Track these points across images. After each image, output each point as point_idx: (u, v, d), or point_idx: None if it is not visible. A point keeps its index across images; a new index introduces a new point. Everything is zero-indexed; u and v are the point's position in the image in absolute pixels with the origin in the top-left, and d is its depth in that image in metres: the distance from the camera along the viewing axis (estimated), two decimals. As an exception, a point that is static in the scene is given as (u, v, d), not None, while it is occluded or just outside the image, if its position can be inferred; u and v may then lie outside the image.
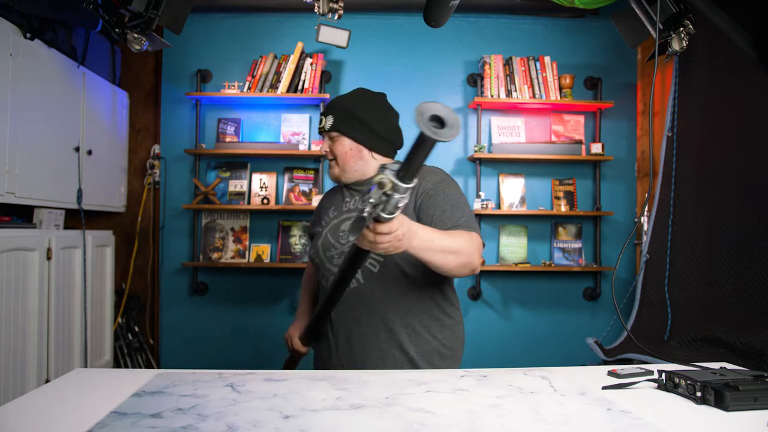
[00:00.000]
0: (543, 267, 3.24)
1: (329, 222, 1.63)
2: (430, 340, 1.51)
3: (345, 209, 1.62)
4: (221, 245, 3.27)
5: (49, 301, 2.41)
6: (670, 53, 2.04)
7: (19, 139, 2.24)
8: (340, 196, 1.67)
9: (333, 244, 1.57)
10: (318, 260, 1.61)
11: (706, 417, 0.97)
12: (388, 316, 1.49)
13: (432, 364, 1.50)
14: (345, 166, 1.59)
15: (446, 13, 2.07)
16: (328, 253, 1.57)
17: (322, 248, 1.60)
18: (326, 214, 1.66)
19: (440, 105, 0.99)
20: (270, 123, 3.33)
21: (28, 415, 0.94)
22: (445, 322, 1.55)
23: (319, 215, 1.71)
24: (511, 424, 0.91)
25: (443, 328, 1.54)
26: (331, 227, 1.61)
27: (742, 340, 2.03)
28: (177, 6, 2.06)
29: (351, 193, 1.64)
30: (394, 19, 3.36)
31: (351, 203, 1.62)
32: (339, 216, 1.61)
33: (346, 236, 1.55)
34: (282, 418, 0.92)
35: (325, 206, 1.70)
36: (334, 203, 1.67)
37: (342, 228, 1.58)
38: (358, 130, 1.58)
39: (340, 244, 1.56)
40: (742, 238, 2.23)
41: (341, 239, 1.56)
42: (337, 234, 1.58)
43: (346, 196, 1.64)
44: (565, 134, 3.32)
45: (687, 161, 2.57)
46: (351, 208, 1.61)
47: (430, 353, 1.51)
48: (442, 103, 0.99)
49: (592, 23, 3.37)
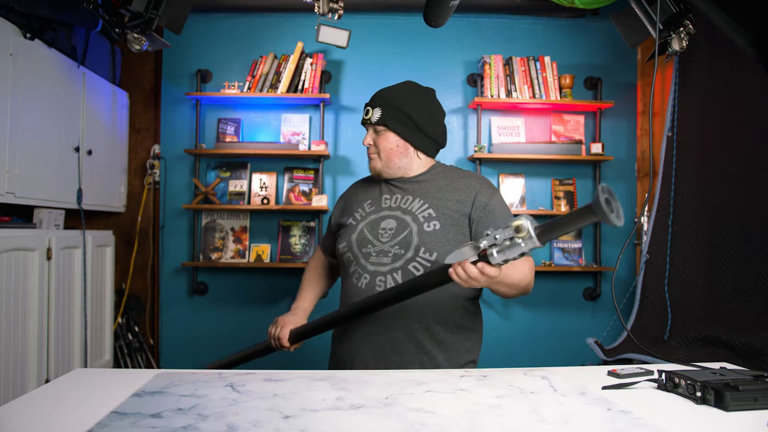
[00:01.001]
0: (543, 267, 3.24)
1: (365, 216, 1.56)
2: (457, 345, 1.49)
3: (385, 206, 1.56)
4: (221, 245, 3.27)
5: (49, 301, 2.41)
6: (670, 53, 2.04)
7: (19, 139, 2.24)
8: (377, 190, 1.61)
9: (371, 241, 1.51)
10: (350, 255, 1.53)
11: (706, 417, 0.97)
12: (423, 322, 1.46)
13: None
14: (389, 162, 1.54)
15: (446, 13, 2.07)
16: (365, 250, 1.50)
17: (357, 243, 1.53)
18: (361, 207, 1.59)
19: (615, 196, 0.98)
20: (270, 123, 3.33)
21: (28, 415, 0.94)
22: (473, 328, 1.53)
23: (351, 206, 1.63)
24: (511, 424, 0.91)
25: (471, 334, 1.52)
26: (369, 222, 1.54)
27: (742, 340, 2.03)
28: (177, 6, 2.06)
29: (390, 189, 1.58)
30: (394, 19, 3.36)
31: (392, 201, 1.56)
32: (378, 212, 1.55)
33: (387, 234, 1.49)
34: (282, 418, 0.92)
35: (359, 198, 1.63)
36: (371, 197, 1.60)
37: (383, 225, 1.52)
38: (407, 127, 1.53)
39: (380, 242, 1.50)
40: (742, 238, 2.23)
41: (381, 237, 1.50)
42: (377, 231, 1.51)
43: (385, 192, 1.59)
44: (565, 134, 3.32)
45: (687, 161, 2.57)
46: (392, 206, 1.55)
47: (454, 360, 1.48)
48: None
49: (592, 23, 3.37)
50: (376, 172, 1.58)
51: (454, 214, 1.49)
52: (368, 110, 1.55)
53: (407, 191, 1.56)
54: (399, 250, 1.46)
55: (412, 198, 1.54)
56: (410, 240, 1.47)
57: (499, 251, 1.10)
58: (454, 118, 3.38)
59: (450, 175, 1.58)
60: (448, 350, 1.47)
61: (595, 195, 0.95)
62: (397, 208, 1.54)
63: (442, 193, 1.53)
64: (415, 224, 1.49)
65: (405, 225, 1.49)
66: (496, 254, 1.10)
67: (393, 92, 1.56)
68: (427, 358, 1.46)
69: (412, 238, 1.46)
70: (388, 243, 1.48)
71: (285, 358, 1.75)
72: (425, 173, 1.58)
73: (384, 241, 1.49)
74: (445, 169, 1.61)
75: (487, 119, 3.35)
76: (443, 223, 1.47)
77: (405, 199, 1.55)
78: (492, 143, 3.28)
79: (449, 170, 1.60)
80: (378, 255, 1.48)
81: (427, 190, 1.54)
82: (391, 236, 1.49)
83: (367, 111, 1.55)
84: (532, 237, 1.04)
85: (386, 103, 1.54)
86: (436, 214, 1.49)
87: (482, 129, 3.31)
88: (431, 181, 1.56)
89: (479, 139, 3.26)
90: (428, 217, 1.49)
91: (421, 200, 1.52)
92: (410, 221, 1.50)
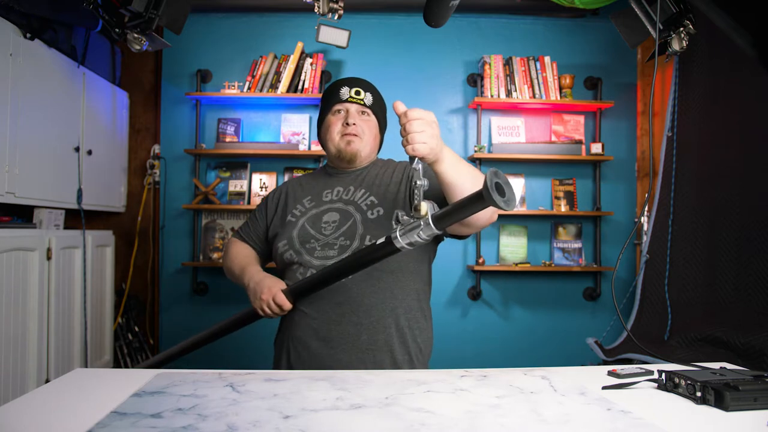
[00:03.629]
0: (543, 267, 3.24)
1: (305, 212, 1.52)
2: (410, 344, 1.44)
3: (326, 199, 1.53)
4: (221, 245, 3.27)
5: (49, 301, 2.41)
6: (670, 53, 2.04)
7: (19, 139, 2.24)
8: (315, 185, 1.59)
9: (314, 235, 1.47)
10: (292, 252, 1.47)
11: (706, 417, 0.97)
12: (375, 314, 1.40)
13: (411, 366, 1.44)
14: (367, 148, 1.54)
15: (446, 13, 2.07)
16: (308, 245, 1.46)
17: (299, 239, 1.47)
18: (299, 203, 1.56)
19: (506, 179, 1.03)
20: (270, 123, 3.34)
21: (28, 415, 0.94)
22: (422, 324, 1.48)
23: (287, 203, 1.59)
24: (511, 424, 0.91)
25: (422, 331, 1.48)
26: (310, 217, 1.51)
27: (742, 340, 2.03)
28: (177, 6, 2.06)
29: (329, 183, 1.57)
30: (394, 19, 3.36)
31: (333, 194, 1.54)
32: (319, 206, 1.52)
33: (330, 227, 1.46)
34: (282, 418, 0.92)
35: (297, 195, 1.59)
36: (309, 193, 1.57)
37: (325, 219, 1.48)
38: (382, 122, 1.60)
39: (323, 236, 1.46)
40: (742, 238, 2.23)
41: (324, 230, 1.47)
42: (319, 225, 1.48)
43: (325, 187, 1.56)
44: (565, 134, 3.32)
45: (687, 161, 2.57)
46: (334, 199, 1.52)
47: (407, 359, 1.44)
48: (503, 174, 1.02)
49: (592, 23, 3.37)
50: (350, 155, 1.52)
51: (394, 196, 1.48)
52: (360, 91, 1.54)
53: (347, 183, 1.56)
54: (345, 241, 1.43)
55: (354, 188, 1.53)
56: (355, 230, 1.44)
57: (402, 234, 1.18)
58: (454, 118, 3.38)
59: (386, 164, 1.61)
60: (403, 344, 1.43)
61: (484, 180, 0.98)
62: (338, 200, 1.52)
63: (380, 179, 1.53)
64: (358, 213, 1.47)
65: (348, 215, 1.47)
66: (400, 237, 1.19)
67: (372, 85, 1.60)
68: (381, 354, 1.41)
69: (357, 228, 1.44)
70: (332, 235, 1.45)
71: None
72: (366, 166, 1.60)
73: (327, 233, 1.46)
74: (382, 161, 1.63)
75: (487, 119, 3.35)
76: (386, 208, 1.46)
77: (346, 191, 1.54)
78: (492, 143, 3.28)
79: (386, 161, 1.63)
80: (323, 248, 1.44)
81: (366, 179, 1.55)
82: (334, 228, 1.46)
83: (358, 91, 1.54)
84: (429, 224, 1.13)
85: (374, 92, 1.58)
86: (378, 201, 1.48)
87: (482, 129, 3.31)
88: (369, 171, 1.57)
89: (479, 139, 3.26)
90: (371, 204, 1.48)
91: (362, 189, 1.52)
92: (353, 211, 1.48)
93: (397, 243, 1.19)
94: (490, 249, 3.32)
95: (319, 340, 1.41)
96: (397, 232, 1.19)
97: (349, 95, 1.53)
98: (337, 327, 1.40)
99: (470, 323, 3.32)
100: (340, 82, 1.58)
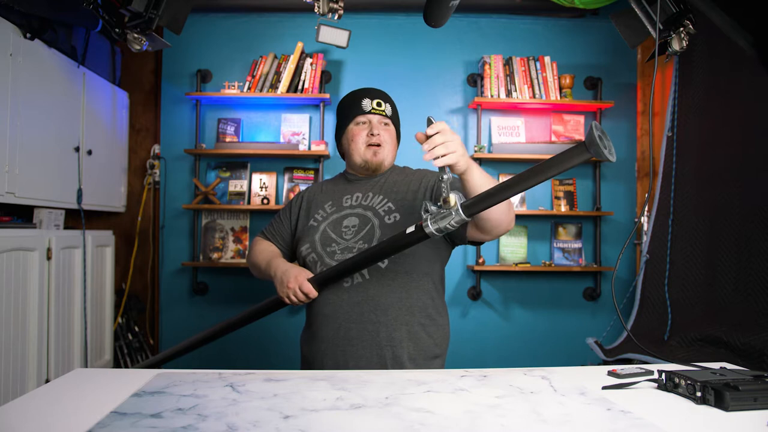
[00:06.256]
0: (543, 267, 3.24)
1: (327, 217, 1.61)
2: (426, 339, 1.51)
3: (346, 205, 1.61)
4: (221, 245, 3.27)
5: (49, 301, 2.41)
6: (670, 53, 2.04)
7: (19, 139, 2.24)
8: (336, 191, 1.66)
9: (335, 239, 1.55)
10: (315, 255, 1.55)
11: (706, 417, 0.97)
12: (391, 313, 1.48)
13: (417, 365, 1.48)
14: (390, 155, 1.63)
15: (446, 13, 2.07)
16: (329, 248, 1.54)
17: (321, 242, 1.56)
18: (321, 208, 1.64)
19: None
20: (270, 123, 3.33)
21: (28, 415, 0.94)
22: (438, 321, 1.55)
23: (310, 208, 1.66)
24: (511, 424, 0.91)
25: (437, 327, 1.54)
26: (332, 222, 1.59)
27: (742, 340, 2.03)
28: (177, 6, 2.06)
29: (350, 189, 1.65)
30: (394, 19, 3.36)
31: (353, 200, 1.62)
32: (340, 211, 1.60)
33: (350, 231, 1.55)
34: (282, 418, 0.92)
35: (319, 200, 1.67)
36: (331, 198, 1.65)
37: (345, 224, 1.56)
38: (399, 128, 1.69)
39: (344, 240, 1.54)
40: (742, 238, 2.23)
41: (344, 234, 1.55)
42: (340, 229, 1.56)
43: (345, 193, 1.64)
44: (565, 134, 3.32)
45: (687, 161, 2.57)
46: (353, 204, 1.60)
47: (423, 353, 1.50)
48: None
49: (592, 23, 3.37)
50: (376, 164, 1.62)
51: (411, 203, 1.56)
52: (380, 102, 1.62)
53: (366, 189, 1.63)
54: (363, 245, 1.51)
55: (372, 195, 1.61)
56: (373, 234, 1.52)
57: (433, 221, 1.26)
58: (454, 118, 3.38)
59: (404, 171, 1.68)
60: (416, 343, 1.50)
61: (589, 129, 1.04)
62: (358, 206, 1.60)
63: (398, 186, 1.61)
64: (376, 218, 1.55)
65: (367, 220, 1.55)
66: (431, 224, 1.27)
67: (389, 96, 1.68)
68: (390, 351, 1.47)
69: (375, 232, 1.52)
70: (352, 239, 1.53)
71: (284, 358, 1.74)
72: (384, 173, 1.67)
73: (347, 238, 1.54)
74: (399, 168, 1.71)
75: (487, 119, 3.35)
76: (403, 213, 1.54)
77: (365, 197, 1.61)
78: (492, 143, 3.28)
79: (403, 168, 1.71)
80: (343, 252, 1.52)
81: (384, 186, 1.62)
82: (354, 233, 1.54)
83: (379, 103, 1.61)
84: (459, 212, 1.22)
85: (392, 103, 1.66)
86: (395, 207, 1.56)
87: (482, 129, 3.31)
88: (387, 177, 1.65)
89: (479, 139, 3.26)
90: (388, 210, 1.56)
91: (380, 196, 1.60)
92: (371, 216, 1.56)
93: (426, 229, 1.27)
94: (490, 249, 3.32)
95: (341, 338, 1.48)
96: (428, 221, 1.27)
97: (372, 107, 1.61)
98: (357, 325, 1.48)
99: (470, 323, 3.32)
100: (360, 93, 1.65)
